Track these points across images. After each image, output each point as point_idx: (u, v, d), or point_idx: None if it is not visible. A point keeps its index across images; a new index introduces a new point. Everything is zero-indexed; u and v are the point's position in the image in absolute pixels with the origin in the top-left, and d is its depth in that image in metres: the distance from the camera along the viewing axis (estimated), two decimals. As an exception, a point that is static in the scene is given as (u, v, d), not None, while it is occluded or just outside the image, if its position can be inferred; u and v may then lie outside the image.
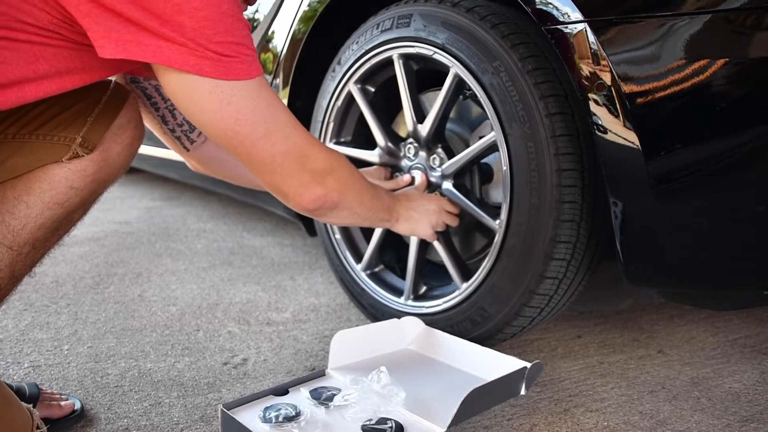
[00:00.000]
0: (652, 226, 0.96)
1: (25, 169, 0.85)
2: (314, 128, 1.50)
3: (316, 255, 2.06)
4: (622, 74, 0.90)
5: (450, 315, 1.23)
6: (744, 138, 0.87)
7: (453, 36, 1.15)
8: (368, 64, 1.34)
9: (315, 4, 1.44)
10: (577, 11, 0.93)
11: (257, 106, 0.83)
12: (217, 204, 2.90)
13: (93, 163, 0.89)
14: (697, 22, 0.86)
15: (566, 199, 1.04)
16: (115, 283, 1.73)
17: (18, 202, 0.84)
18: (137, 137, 0.96)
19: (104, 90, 0.92)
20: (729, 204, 0.91)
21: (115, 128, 0.91)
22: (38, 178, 0.86)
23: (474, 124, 1.38)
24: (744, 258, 0.95)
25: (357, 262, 1.44)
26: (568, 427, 1.00)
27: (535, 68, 1.05)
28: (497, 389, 1.03)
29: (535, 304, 1.13)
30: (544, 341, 1.36)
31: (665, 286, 1.07)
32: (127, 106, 0.93)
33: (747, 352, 1.30)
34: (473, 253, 1.43)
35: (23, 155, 0.85)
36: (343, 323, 1.47)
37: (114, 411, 1.03)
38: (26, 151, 0.85)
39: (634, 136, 0.91)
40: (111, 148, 0.91)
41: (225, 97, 0.80)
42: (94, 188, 0.91)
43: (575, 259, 1.09)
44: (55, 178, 0.86)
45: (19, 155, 0.85)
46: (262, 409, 0.96)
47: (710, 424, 1.02)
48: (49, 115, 0.86)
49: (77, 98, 0.88)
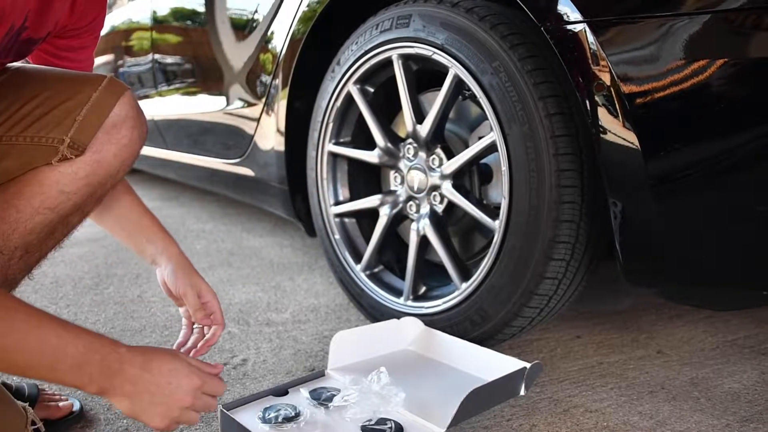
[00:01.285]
0: (652, 227, 0.96)
1: (17, 172, 0.83)
2: (313, 129, 1.50)
3: (315, 255, 2.05)
4: (621, 74, 0.90)
5: (449, 315, 1.23)
6: (743, 138, 0.87)
7: (452, 36, 1.15)
8: (367, 65, 1.34)
9: (314, 5, 1.44)
10: (577, 11, 0.94)
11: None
12: (216, 204, 2.90)
13: (85, 165, 0.85)
14: (696, 23, 0.86)
15: (565, 200, 1.04)
16: (114, 283, 1.73)
17: (8, 206, 0.82)
18: (135, 137, 0.90)
19: (96, 87, 0.86)
20: (728, 204, 0.91)
21: (108, 127, 0.86)
22: (28, 182, 0.83)
23: (473, 125, 1.38)
24: (743, 258, 0.95)
25: (356, 263, 1.44)
26: (568, 427, 1.00)
27: (535, 69, 1.05)
28: (497, 390, 1.03)
29: (535, 305, 1.13)
30: (543, 342, 1.36)
31: (664, 286, 1.07)
32: (120, 103, 0.87)
33: (746, 353, 1.30)
34: (473, 253, 1.43)
35: (14, 158, 0.83)
36: (343, 324, 1.46)
37: (113, 411, 1.03)
38: (16, 154, 0.82)
39: (634, 137, 0.91)
40: (105, 148, 0.86)
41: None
42: (88, 192, 0.87)
43: (574, 260, 1.09)
44: (46, 181, 0.83)
45: (10, 158, 0.82)
46: (261, 409, 0.96)
47: (710, 424, 1.02)
48: (37, 114, 0.82)
49: (67, 96, 0.84)
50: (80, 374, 0.68)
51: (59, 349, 0.67)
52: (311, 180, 1.54)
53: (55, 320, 0.68)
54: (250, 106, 1.74)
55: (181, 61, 2.16)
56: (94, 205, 0.92)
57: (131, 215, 1.02)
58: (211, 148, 2.02)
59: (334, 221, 1.49)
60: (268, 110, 1.65)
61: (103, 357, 0.70)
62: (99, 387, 0.70)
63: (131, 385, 0.72)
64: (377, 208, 1.41)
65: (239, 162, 1.84)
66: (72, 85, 0.83)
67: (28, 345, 0.65)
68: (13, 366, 0.67)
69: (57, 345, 0.67)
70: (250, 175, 1.82)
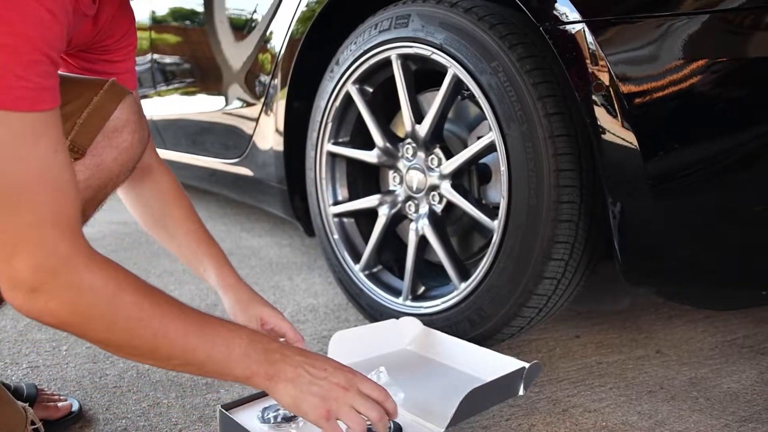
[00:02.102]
0: (651, 226, 0.96)
1: None
2: (312, 129, 1.50)
3: (314, 255, 2.05)
4: (620, 74, 0.90)
5: (448, 315, 1.23)
6: (742, 138, 0.87)
7: (451, 36, 1.15)
8: (366, 65, 1.34)
9: (313, 5, 1.44)
10: (576, 11, 0.94)
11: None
12: (215, 204, 2.90)
13: (85, 168, 0.83)
14: (695, 22, 0.86)
15: (564, 200, 1.04)
16: (113, 283, 1.72)
17: None
18: (136, 141, 0.89)
19: (97, 90, 0.85)
20: (727, 204, 0.91)
21: (109, 131, 0.85)
22: None
23: (472, 125, 1.38)
24: (742, 258, 0.95)
25: (355, 263, 1.44)
26: (567, 427, 1.01)
27: (534, 68, 1.05)
28: (496, 389, 1.03)
29: (534, 305, 1.13)
30: (542, 341, 1.36)
31: (663, 286, 1.07)
32: (122, 107, 0.86)
33: (745, 352, 1.31)
34: (471, 253, 1.43)
35: None
36: (342, 323, 1.46)
37: (112, 411, 1.03)
38: None
39: (633, 137, 0.91)
40: (105, 152, 0.85)
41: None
42: (88, 196, 0.85)
43: (573, 260, 1.09)
44: None
45: None
46: (260, 409, 0.96)
47: (709, 424, 1.02)
48: None
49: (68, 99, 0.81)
50: (248, 362, 0.73)
51: (230, 341, 0.72)
52: (310, 180, 1.54)
53: (217, 318, 0.75)
54: (249, 106, 1.74)
55: (180, 61, 2.16)
56: (94, 209, 0.91)
57: (190, 243, 1.06)
58: (209, 148, 2.02)
59: (333, 221, 1.49)
60: (267, 110, 1.65)
61: (265, 345, 0.75)
62: (266, 373, 0.74)
63: (292, 368, 0.75)
64: (376, 208, 1.41)
65: (238, 162, 1.84)
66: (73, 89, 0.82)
67: (207, 339, 0.71)
68: (190, 363, 0.71)
69: (228, 337, 0.73)
70: (249, 175, 1.82)
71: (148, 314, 0.67)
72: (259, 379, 0.74)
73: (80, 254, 0.65)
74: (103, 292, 0.65)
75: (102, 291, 0.65)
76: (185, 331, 0.70)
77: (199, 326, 0.71)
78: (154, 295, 0.70)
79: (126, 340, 0.68)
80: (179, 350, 0.70)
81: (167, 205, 1.08)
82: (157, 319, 0.68)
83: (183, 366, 0.72)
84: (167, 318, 0.69)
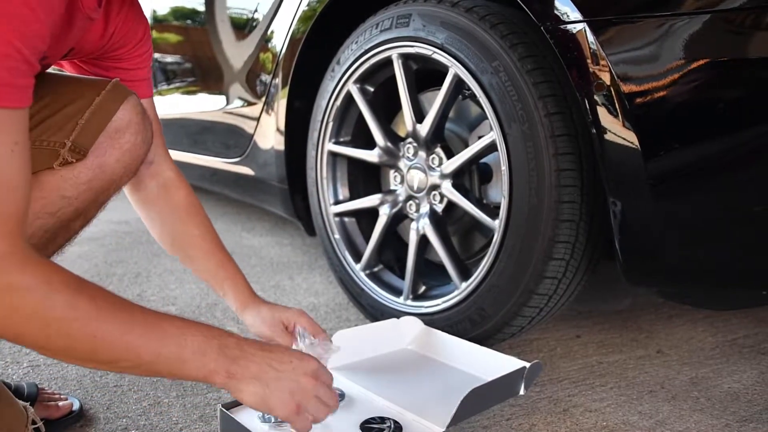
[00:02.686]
0: (651, 226, 0.96)
1: None
2: (313, 128, 1.50)
3: (315, 255, 2.05)
4: (621, 74, 0.90)
5: (449, 315, 1.23)
6: (743, 138, 0.87)
7: (452, 36, 1.15)
8: (367, 64, 1.34)
9: (314, 4, 1.44)
10: (577, 11, 0.94)
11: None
12: (215, 203, 2.90)
13: (87, 170, 0.83)
14: (696, 22, 0.86)
15: (565, 199, 1.04)
16: (114, 282, 1.73)
17: None
18: (139, 142, 0.88)
19: (99, 90, 0.85)
20: (728, 204, 0.91)
21: (112, 132, 0.85)
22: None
23: (473, 124, 1.38)
24: (742, 257, 0.95)
25: (356, 262, 1.44)
26: (567, 427, 1.01)
27: (534, 68, 1.05)
28: (496, 389, 1.03)
29: (534, 304, 1.13)
30: (543, 341, 1.36)
31: (664, 286, 1.07)
32: (124, 108, 0.86)
33: (746, 352, 1.31)
34: (472, 252, 1.43)
35: None
36: (342, 323, 1.47)
37: (113, 411, 1.03)
38: None
39: (633, 136, 0.91)
40: (107, 153, 0.84)
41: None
42: (90, 197, 0.85)
43: (574, 259, 1.10)
44: (47, 186, 0.81)
45: None
46: (261, 408, 0.96)
47: (709, 423, 1.02)
48: (39, 118, 0.80)
49: (69, 100, 0.82)
50: (204, 360, 0.69)
51: (180, 338, 0.68)
52: (311, 179, 1.54)
53: (167, 314, 0.70)
54: (250, 105, 1.74)
55: (181, 61, 2.16)
56: (96, 210, 0.90)
57: (209, 267, 1.05)
58: (210, 147, 2.02)
59: (334, 220, 1.50)
60: (268, 109, 1.65)
61: (221, 342, 0.71)
62: (227, 371, 0.70)
63: (255, 364, 0.72)
64: (377, 208, 1.41)
65: (239, 161, 1.84)
66: (75, 89, 0.82)
67: (152, 338, 0.67)
68: (139, 365, 0.67)
69: (177, 334, 0.68)
70: (250, 175, 1.82)
71: (84, 314, 0.63)
72: (218, 377, 0.70)
73: (15, 255, 0.61)
74: (35, 293, 0.61)
75: (34, 292, 0.61)
76: (126, 330, 0.65)
77: (144, 325, 0.67)
78: (93, 295, 0.65)
79: (64, 344, 0.63)
80: (121, 351, 0.65)
81: (185, 225, 1.05)
82: (93, 319, 0.64)
83: (133, 369, 0.68)
84: (104, 317, 0.64)
